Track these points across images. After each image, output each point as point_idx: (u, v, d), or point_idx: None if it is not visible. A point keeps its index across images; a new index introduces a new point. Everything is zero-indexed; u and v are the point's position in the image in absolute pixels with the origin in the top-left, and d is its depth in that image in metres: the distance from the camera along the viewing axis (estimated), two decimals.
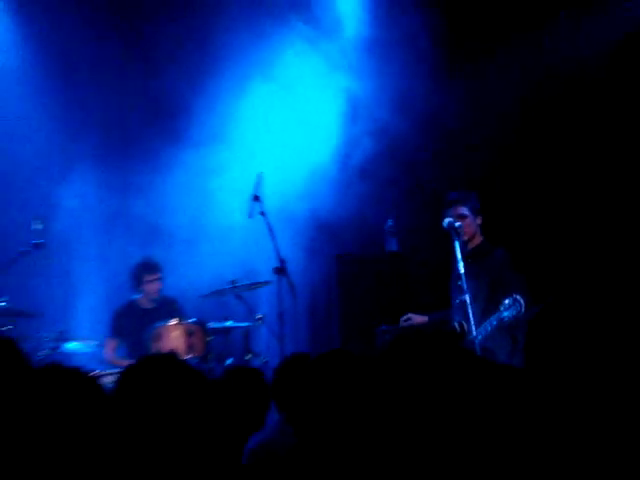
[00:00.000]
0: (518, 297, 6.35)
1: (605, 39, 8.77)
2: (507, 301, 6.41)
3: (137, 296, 8.69)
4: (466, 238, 6.91)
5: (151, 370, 2.99)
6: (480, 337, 6.53)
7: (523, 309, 6.33)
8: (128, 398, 2.92)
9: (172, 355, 3.19)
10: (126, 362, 8.08)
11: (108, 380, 6.86)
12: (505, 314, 6.37)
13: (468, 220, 6.91)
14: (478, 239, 7.04)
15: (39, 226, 7.59)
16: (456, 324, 6.82)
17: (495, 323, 6.51)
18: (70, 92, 9.28)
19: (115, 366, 8.13)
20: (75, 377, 2.90)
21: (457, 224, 6.78)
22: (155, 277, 8.55)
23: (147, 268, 8.56)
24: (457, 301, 6.79)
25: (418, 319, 7.16)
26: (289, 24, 9.22)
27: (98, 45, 9.26)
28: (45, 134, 9.15)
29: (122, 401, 2.92)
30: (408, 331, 6.95)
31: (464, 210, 6.92)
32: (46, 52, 9.17)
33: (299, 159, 9.18)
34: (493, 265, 6.94)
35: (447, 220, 6.79)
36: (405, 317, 7.19)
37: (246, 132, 9.27)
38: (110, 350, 8.47)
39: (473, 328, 6.48)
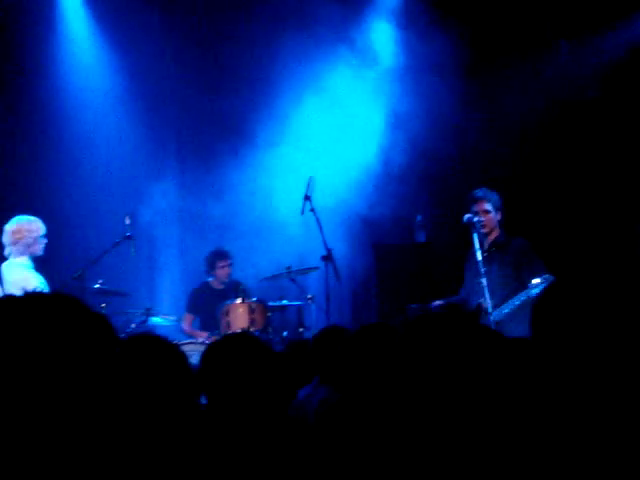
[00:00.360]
0: (547, 276, 6.28)
1: (603, 61, 8.84)
2: (537, 280, 6.33)
3: (210, 279, 8.93)
4: (486, 231, 6.89)
5: (232, 345, 3.19)
6: (505, 311, 6.51)
7: None
8: (213, 368, 3.11)
9: (246, 333, 3.48)
10: (200, 333, 8.58)
11: (186, 348, 7.29)
12: (534, 291, 6.22)
13: (490, 215, 6.90)
14: (497, 232, 6.97)
15: (128, 221, 7.71)
16: (474, 304, 6.76)
17: (523, 298, 6.43)
18: (155, 108, 9.60)
19: (191, 337, 8.50)
20: (162, 343, 3.00)
21: (476, 219, 6.73)
22: (226, 263, 8.83)
23: (219, 256, 8.83)
24: (476, 285, 6.69)
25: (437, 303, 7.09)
26: (337, 51, 9.30)
27: (178, 68, 9.51)
28: (135, 145, 9.44)
29: (208, 371, 3.11)
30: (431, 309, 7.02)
31: (487, 206, 6.89)
32: (134, 75, 9.42)
33: (345, 163, 9.30)
34: (515, 250, 6.87)
35: (466, 216, 6.76)
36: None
37: (301, 139, 9.36)
38: (187, 323, 8.80)
39: (490, 307, 6.44)
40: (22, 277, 6.51)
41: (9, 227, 6.73)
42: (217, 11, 9.48)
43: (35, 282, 6.47)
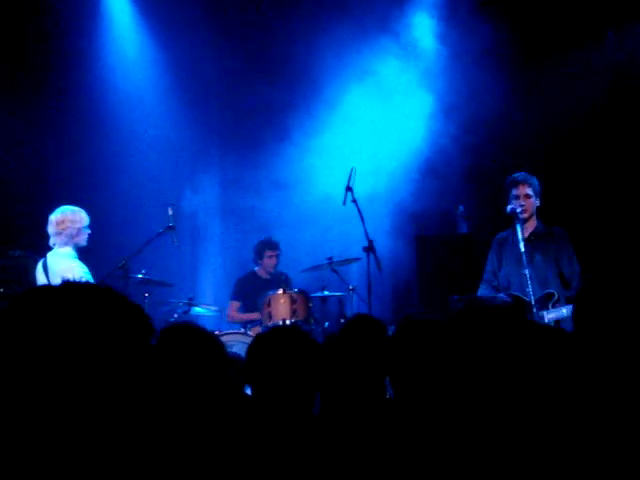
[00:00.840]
0: None
1: None
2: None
3: (256, 267, 9.05)
4: (526, 216, 6.71)
5: (278, 337, 3.19)
6: (552, 316, 6.31)
7: None
8: (260, 360, 3.10)
9: (295, 326, 3.45)
10: (250, 315, 8.59)
11: (225, 339, 7.30)
12: None
13: (531, 200, 6.72)
14: (535, 221, 6.79)
15: (171, 212, 7.72)
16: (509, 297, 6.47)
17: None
18: (198, 102, 9.72)
19: (235, 324, 8.64)
20: (199, 333, 3.09)
21: (518, 210, 6.62)
22: (274, 253, 8.93)
23: (268, 245, 8.93)
24: (518, 275, 6.58)
25: None
26: (380, 42, 9.33)
27: (221, 61, 9.57)
28: (178, 138, 9.60)
29: (254, 363, 3.10)
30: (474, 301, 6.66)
31: (529, 190, 6.72)
32: (178, 69, 9.59)
33: (388, 155, 9.36)
34: (558, 239, 6.72)
35: (509, 207, 6.64)
36: None
37: (344, 131, 9.44)
38: (234, 310, 8.87)
39: (532, 299, 6.29)
40: (67, 267, 6.52)
41: (54, 217, 6.75)
42: (260, 4, 9.52)
43: (80, 272, 6.47)
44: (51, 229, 6.75)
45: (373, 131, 9.55)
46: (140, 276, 7.66)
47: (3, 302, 7.58)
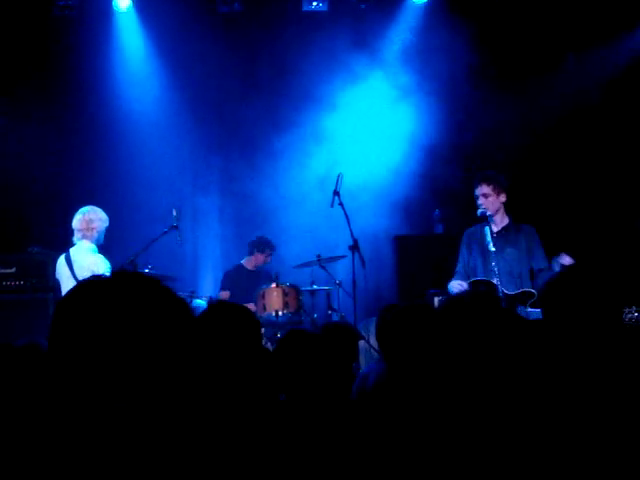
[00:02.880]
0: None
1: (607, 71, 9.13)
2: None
3: (243, 260, 9.25)
4: (490, 213, 6.65)
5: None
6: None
7: None
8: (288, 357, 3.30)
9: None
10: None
11: None
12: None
13: (491, 198, 6.63)
14: (505, 219, 6.76)
15: (175, 213, 7.84)
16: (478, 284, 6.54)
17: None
18: (200, 115, 9.99)
19: None
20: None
21: (480, 210, 6.61)
22: (269, 253, 9.22)
23: (270, 246, 9.22)
24: (487, 270, 6.54)
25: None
26: (361, 59, 9.63)
27: (221, 76, 9.92)
28: (182, 146, 9.94)
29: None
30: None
31: (487, 189, 6.63)
32: (182, 81, 9.87)
33: (371, 162, 9.65)
34: (527, 237, 6.69)
35: (479, 211, 6.63)
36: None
37: (332, 141, 9.70)
38: (224, 299, 9.00)
39: (501, 290, 6.32)
40: (93, 261, 6.78)
41: (85, 215, 6.92)
42: (254, 32, 9.85)
43: (104, 266, 6.74)
44: (81, 225, 6.90)
45: (360, 141, 9.83)
46: (147, 271, 7.87)
47: (23, 294, 7.87)
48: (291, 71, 9.70)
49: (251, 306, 8.34)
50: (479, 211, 6.76)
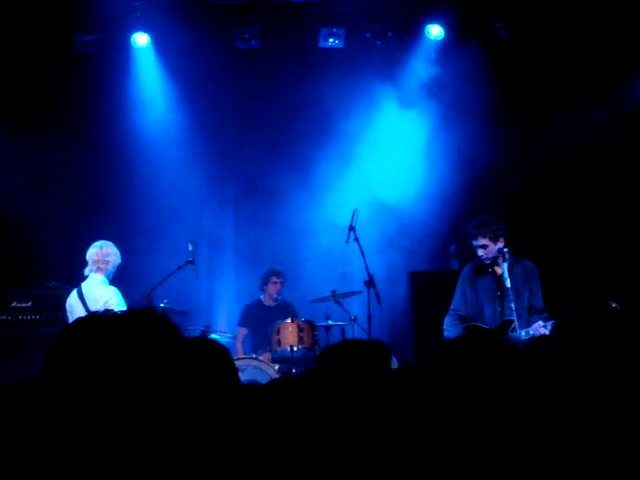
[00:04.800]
0: (551, 323, 6.03)
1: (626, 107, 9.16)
2: (541, 324, 6.26)
3: (262, 295, 9.25)
4: (490, 262, 6.72)
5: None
6: (524, 337, 6.31)
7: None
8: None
9: None
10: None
11: (237, 363, 7.46)
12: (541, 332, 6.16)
13: (490, 248, 6.65)
14: (507, 255, 6.60)
15: (191, 248, 7.85)
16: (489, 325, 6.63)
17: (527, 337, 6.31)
18: (216, 150, 10.02)
19: (247, 349, 8.94)
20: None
21: (484, 257, 6.65)
22: (278, 280, 9.15)
23: (274, 272, 9.16)
24: (491, 306, 6.65)
25: None
26: (386, 92, 9.67)
27: (238, 116, 9.98)
28: (198, 182, 9.90)
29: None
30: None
31: (483, 240, 6.65)
32: (197, 114, 9.85)
33: (385, 198, 9.58)
34: (527, 276, 6.70)
35: (497, 247, 6.57)
36: None
37: (350, 177, 9.70)
38: (240, 337, 9.05)
39: (518, 329, 6.35)
40: (106, 294, 6.79)
41: (100, 249, 6.96)
42: (271, 68, 9.90)
43: (116, 299, 6.74)
44: (97, 257, 6.92)
45: (375, 175, 9.79)
46: (162, 305, 7.88)
47: (40, 328, 7.86)
48: (307, 106, 9.71)
49: (265, 357, 8.28)
50: (484, 258, 6.78)
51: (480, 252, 6.75)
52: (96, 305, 6.61)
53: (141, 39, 9.56)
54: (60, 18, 9.23)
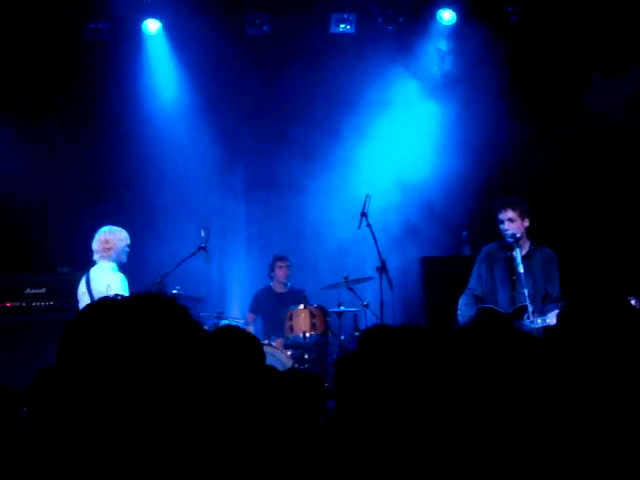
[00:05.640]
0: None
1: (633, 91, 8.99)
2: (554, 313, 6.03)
3: (271, 283, 9.27)
4: (519, 236, 6.61)
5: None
6: (540, 324, 6.27)
7: None
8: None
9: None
10: None
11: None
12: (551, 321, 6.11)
13: (515, 224, 6.63)
14: (527, 243, 6.71)
15: (203, 234, 7.91)
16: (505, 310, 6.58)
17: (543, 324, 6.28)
18: (228, 137, 10.00)
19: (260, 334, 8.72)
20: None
21: (509, 232, 6.58)
22: (284, 264, 9.16)
23: (278, 257, 9.20)
24: (506, 292, 6.63)
25: None
26: (398, 78, 9.64)
27: (249, 102, 9.95)
28: (210, 168, 9.91)
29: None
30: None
31: (511, 214, 6.64)
32: (210, 103, 9.82)
33: (398, 183, 9.57)
34: (544, 260, 6.68)
35: (510, 233, 6.57)
36: None
37: (360, 160, 9.66)
38: (250, 321, 9.06)
39: (534, 315, 6.29)
40: (110, 280, 6.74)
41: (102, 236, 6.95)
42: (282, 54, 9.90)
43: (120, 285, 6.69)
44: (99, 246, 6.92)
45: (387, 160, 9.78)
46: (175, 291, 7.90)
47: (54, 314, 7.88)
48: (319, 92, 9.73)
49: (278, 343, 8.28)
50: (509, 233, 6.69)
51: (506, 225, 6.70)
52: (99, 291, 6.62)
53: (152, 26, 9.55)
54: (71, 6, 9.24)
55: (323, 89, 9.63)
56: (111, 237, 6.95)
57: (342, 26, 9.66)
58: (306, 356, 8.25)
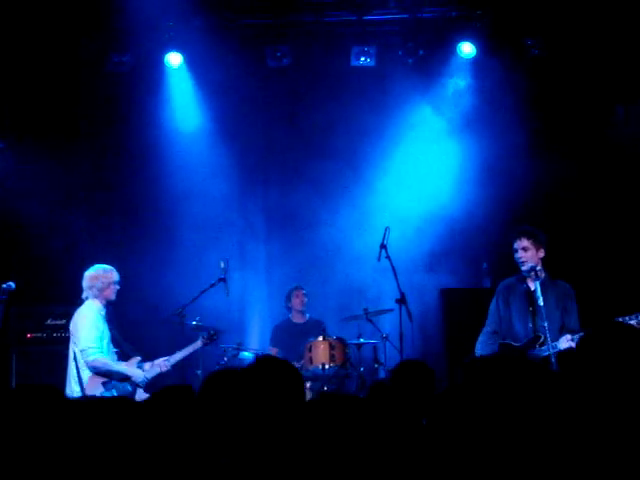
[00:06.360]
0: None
1: None
2: (569, 337, 6.24)
3: (290, 315, 9.24)
4: (526, 268, 6.59)
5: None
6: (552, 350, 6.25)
7: None
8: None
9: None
10: None
11: None
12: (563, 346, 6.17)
13: (529, 253, 6.60)
14: (542, 274, 6.60)
15: (223, 266, 7.92)
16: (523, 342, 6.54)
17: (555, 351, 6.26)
18: (247, 168, 10.09)
19: None
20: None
21: (529, 265, 6.52)
22: (299, 292, 9.15)
23: (294, 287, 9.21)
24: (523, 324, 6.59)
25: None
26: (418, 110, 9.73)
27: (269, 133, 10.06)
28: (232, 199, 9.96)
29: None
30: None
31: (527, 243, 6.60)
32: (233, 137, 9.91)
33: (418, 215, 9.59)
34: (562, 294, 6.65)
35: (529, 265, 6.53)
36: None
37: (382, 195, 9.73)
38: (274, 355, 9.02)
39: (550, 347, 6.23)
40: (82, 316, 6.94)
41: (87, 273, 7.13)
42: (303, 86, 9.95)
43: (87, 324, 6.85)
44: (85, 283, 7.10)
45: (408, 192, 9.81)
46: (194, 323, 7.90)
47: None
48: (339, 124, 9.77)
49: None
50: (528, 266, 6.64)
51: (520, 254, 6.68)
52: (73, 325, 6.94)
53: (174, 59, 9.64)
54: (94, 38, 9.35)
55: (343, 121, 9.68)
56: (96, 275, 7.11)
57: (362, 59, 9.69)
58: (325, 388, 8.22)
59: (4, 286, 7.03)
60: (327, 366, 8.22)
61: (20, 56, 9.25)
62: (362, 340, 8.54)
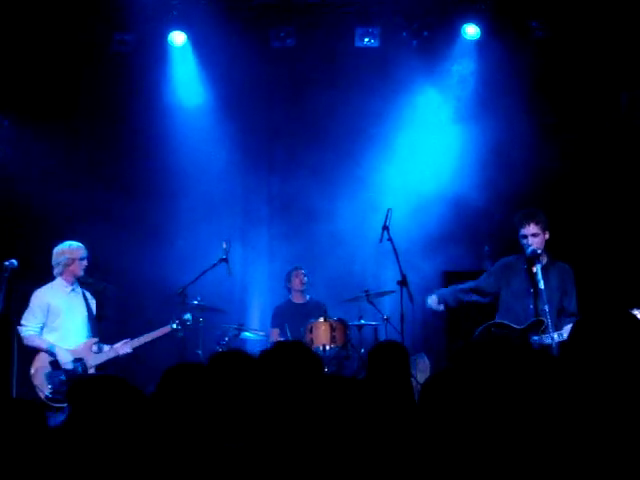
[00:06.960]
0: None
1: None
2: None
3: (290, 295, 9.22)
4: (540, 251, 6.59)
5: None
6: (556, 339, 6.26)
7: None
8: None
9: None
10: None
11: None
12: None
13: (539, 237, 6.61)
14: (544, 256, 6.67)
15: (225, 246, 7.99)
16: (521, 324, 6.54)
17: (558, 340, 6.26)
18: (251, 148, 10.05)
19: None
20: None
21: (531, 248, 6.54)
22: (299, 272, 9.13)
23: (293, 267, 9.19)
24: (521, 306, 6.61)
25: None
26: (422, 92, 9.69)
27: (272, 115, 10.05)
28: (235, 181, 9.96)
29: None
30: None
31: (536, 228, 6.61)
32: (236, 119, 9.86)
33: (420, 195, 9.54)
34: (562, 275, 6.67)
35: (531, 249, 6.55)
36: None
37: (384, 176, 9.68)
38: (275, 338, 8.92)
39: (552, 330, 6.29)
40: (34, 294, 7.17)
41: (55, 249, 7.27)
42: (307, 67, 9.93)
43: (31, 300, 7.11)
44: (52, 260, 7.26)
45: (410, 174, 9.77)
46: (196, 302, 7.97)
47: None
48: (342, 106, 9.71)
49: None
50: (530, 249, 6.66)
51: (529, 240, 6.65)
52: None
53: (178, 38, 9.62)
54: (97, 18, 9.31)
55: (346, 102, 9.63)
56: (62, 250, 7.29)
57: (366, 40, 9.65)
58: (326, 369, 8.22)
59: (6, 263, 7.07)
60: (328, 347, 8.23)
61: (23, 36, 9.21)
62: (363, 322, 8.57)
